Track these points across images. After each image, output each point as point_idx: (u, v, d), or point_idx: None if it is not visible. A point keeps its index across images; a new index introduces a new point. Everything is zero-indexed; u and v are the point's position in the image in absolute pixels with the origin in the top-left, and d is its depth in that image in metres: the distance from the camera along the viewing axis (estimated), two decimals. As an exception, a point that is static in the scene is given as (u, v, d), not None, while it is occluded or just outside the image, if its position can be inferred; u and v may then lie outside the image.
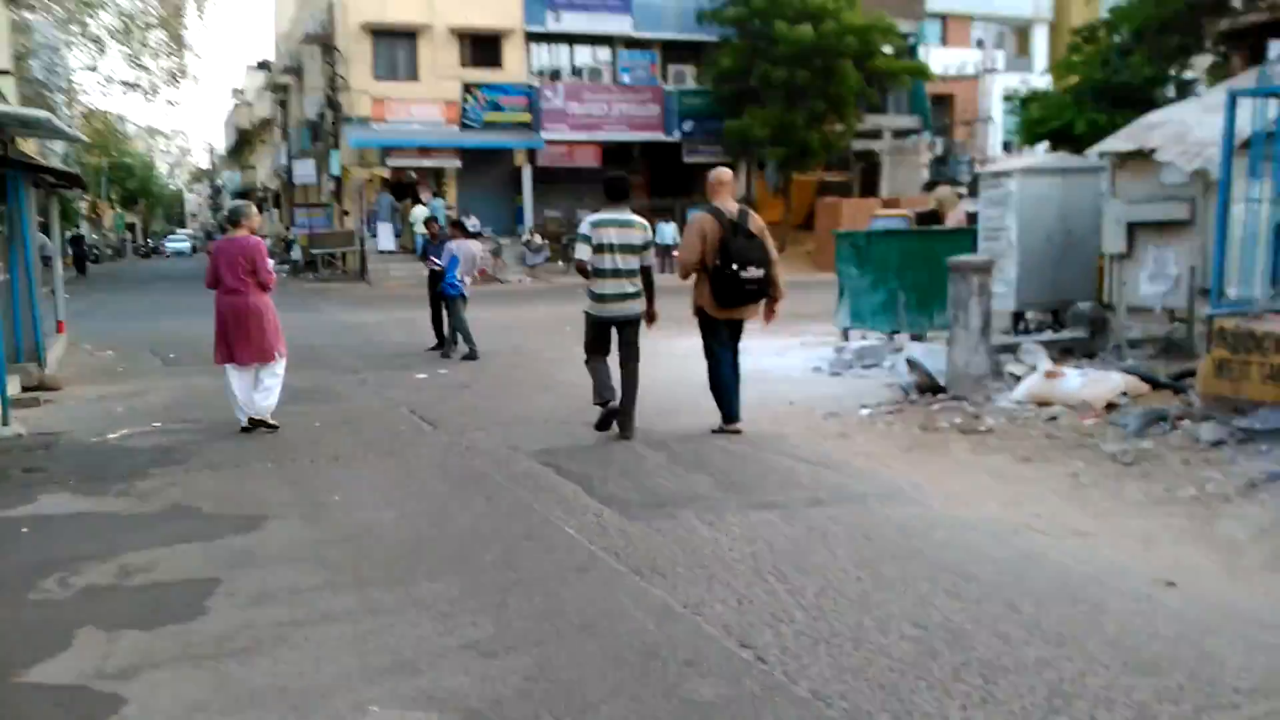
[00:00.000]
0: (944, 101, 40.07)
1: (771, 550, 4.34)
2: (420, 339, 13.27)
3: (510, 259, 26.93)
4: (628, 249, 6.76)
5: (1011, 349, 8.35)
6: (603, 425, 6.90)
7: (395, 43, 28.75)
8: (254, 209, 7.65)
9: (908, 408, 7.61)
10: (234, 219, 7.38)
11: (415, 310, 12.17)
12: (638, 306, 6.89)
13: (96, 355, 13.09)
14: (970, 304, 7.81)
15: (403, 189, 28.46)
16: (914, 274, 11.07)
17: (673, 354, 10.37)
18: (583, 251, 6.82)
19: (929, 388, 8.02)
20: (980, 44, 42.57)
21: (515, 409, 8.23)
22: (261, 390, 7.30)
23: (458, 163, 28.59)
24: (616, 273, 6.74)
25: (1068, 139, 14.61)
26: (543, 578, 4.10)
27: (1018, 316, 9.24)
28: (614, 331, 6.95)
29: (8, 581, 4.25)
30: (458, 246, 12.28)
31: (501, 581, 4.07)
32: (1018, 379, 7.75)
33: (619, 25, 30.47)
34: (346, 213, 28.61)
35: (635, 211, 7.28)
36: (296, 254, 29.30)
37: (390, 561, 4.36)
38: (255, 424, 7.29)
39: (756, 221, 6.79)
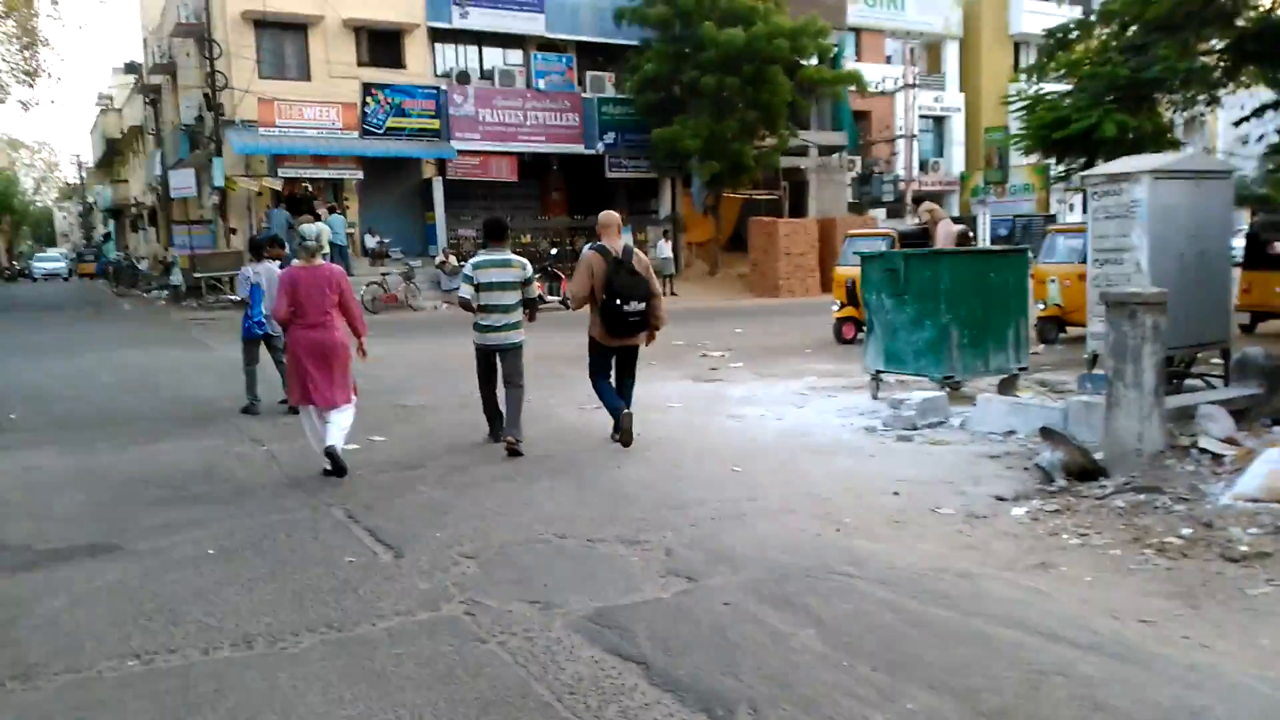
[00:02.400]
0: (861, 119, 38.85)
1: None
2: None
3: (423, 283, 24.06)
4: (506, 286, 7.43)
5: (1186, 413, 6.24)
6: (493, 439, 7.70)
7: (283, 36, 25.55)
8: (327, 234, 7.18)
9: (1074, 501, 5.39)
10: (309, 248, 6.64)
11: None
12: (517, 336, 7.59)
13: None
14: (1142, 353, 5.68)
15: (299, 203, 25.27)
16: (967, 305, 8.97)
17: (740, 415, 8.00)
18: (465, 291, 7.52)
19: (1082, 470, 5.83)
20: (889, 60, 41.53)
21: (509, 511, 5.68)
22: (331, 428, 6.57)
23: (359, 173, 25.55)
24: (496, 308, 7.44)
25: (1084, 145, 12.85)
26: None
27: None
28: (499, 359, 7.57)
29: None
30: (258, 273, 9.45)
31: None
32: (1216, 459, 5.64)
33: (531, 24, 27.96)
34: (234, 230, 25.19)
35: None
36: (176, 278, 25.69)
37: None
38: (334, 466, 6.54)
39: (641, 260, 7.43)
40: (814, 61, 27.93)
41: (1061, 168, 14.55)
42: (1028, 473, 6.29)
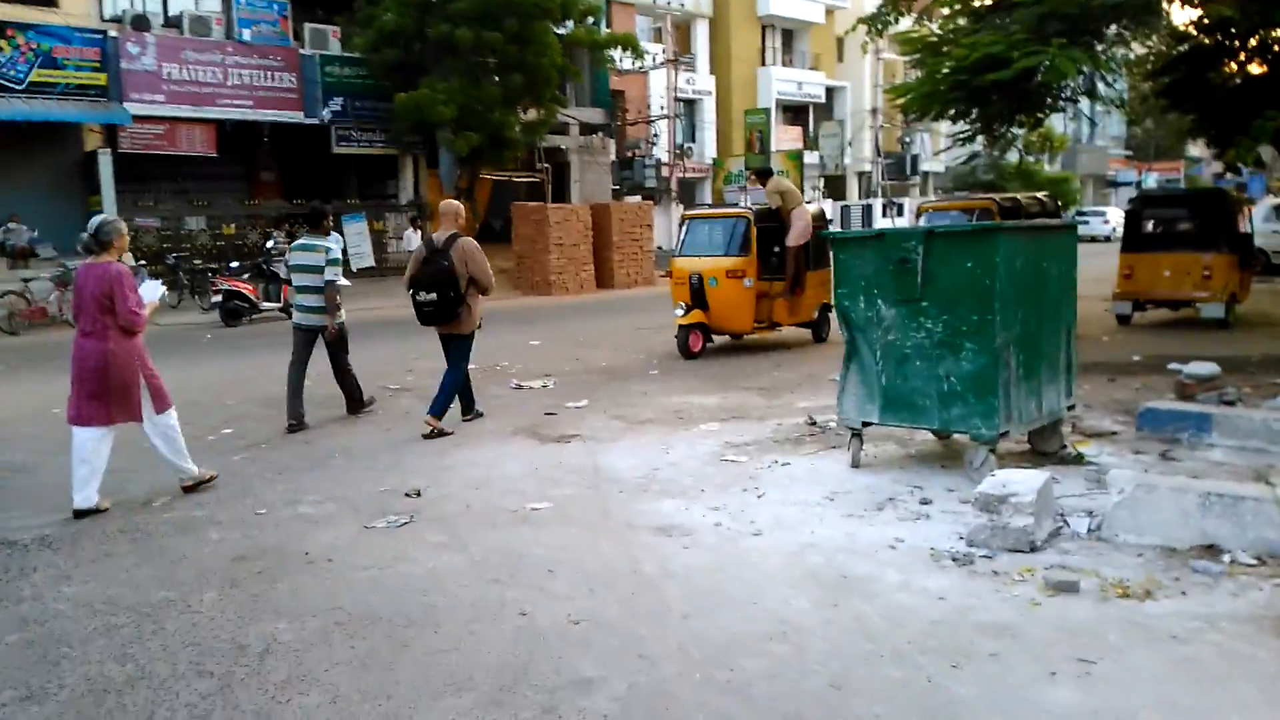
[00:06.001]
0: (614, 98, 35.61)
1: None
2: None
3: (86, 288, 17.89)
4: (310, 269, 7.78)
5: None
6: (293, 430, 7.74)
7: None
8: (124, 227, 6.04)
9: None
10: (102, 240, 5.77)
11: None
12: (320, 319, 7.82)
13: None
14: None
15: (-112, 181, 18.23)
16: (1023, 314, 5.49)
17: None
18: (281, 269, 9.06)
19: None
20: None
21: None
22: (166, 449, 5.94)
23: (-12, 143, 18.88)
24: (303, 289, 7.88)
25: (1014, 93, 9.83)
26: None
27: None
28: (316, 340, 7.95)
29: None
30: None
31: None
32: None
33: (232, -38, 22.22)
34: None
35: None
36: None
37: None
38: (85, 512, 5.59)
39: (461, 248, 7.27)
40: (571, 24, 24.14)
41: (963, 126, 11.55)
42: None
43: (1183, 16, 12.84)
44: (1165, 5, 10.11)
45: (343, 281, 7.94)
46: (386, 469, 6.43)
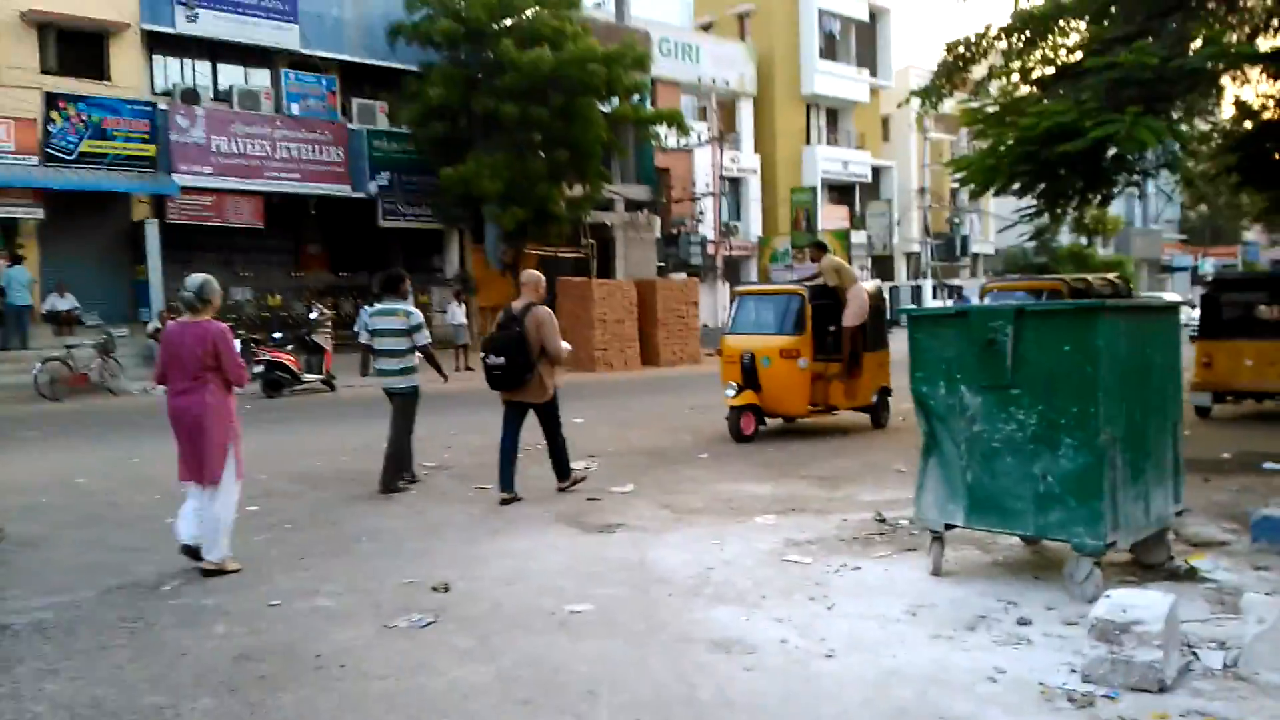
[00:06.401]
0: (659, 176, 35.57)
1: None
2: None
3: (129, 357, 17.81)
4: (390, 333, 7.96)
5: None
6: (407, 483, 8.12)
7: (-70, 28, 18.88)
8: (218, 286, 5.99)
9: None
10: (204, 298, 5.76)
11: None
12: (399, 382, 8.01)
13: None
14: None
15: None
16: (1127, 405, 4.86)
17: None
18: (362, 336, 8.65)
19: None
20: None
21: None
22: (218, 520, 5.76)
23: (40, 212, 19.03)
24: (383, 353, 8.01)
25: (1085, 166, 9.29)
26: None
27: None
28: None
29: None
30: None
31: None
32: None
33: (281, 36, 22.48)
34: None
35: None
36: None
37: None
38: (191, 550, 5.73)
39: (534, 317, 7.37)
40: (617, 100, 24.17)
41: (1030, 201, 10.99)
42: None
43: (1250, 92, 12.31)
44: (1242, 73, 9.59)
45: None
46: (414, 557, 5.92)
